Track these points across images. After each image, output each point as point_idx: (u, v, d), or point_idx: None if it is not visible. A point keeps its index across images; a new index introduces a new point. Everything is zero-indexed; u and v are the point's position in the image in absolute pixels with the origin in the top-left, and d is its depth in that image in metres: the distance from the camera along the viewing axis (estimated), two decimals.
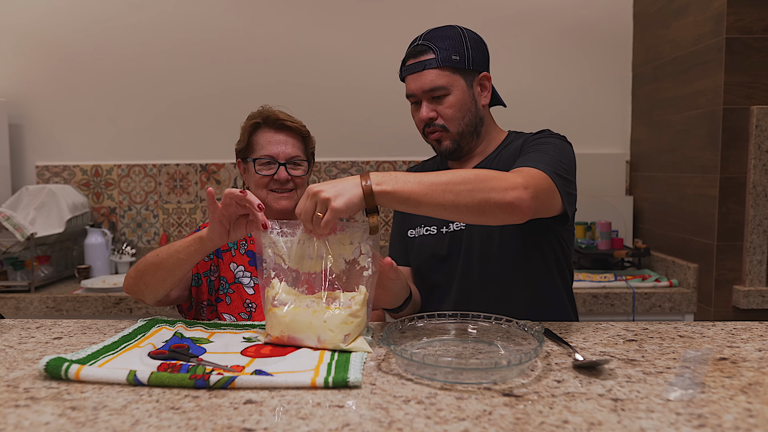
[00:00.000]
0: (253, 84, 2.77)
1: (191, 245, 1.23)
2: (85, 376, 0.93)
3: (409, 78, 1.39)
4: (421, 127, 1.41)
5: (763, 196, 2.03)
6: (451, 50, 1.35)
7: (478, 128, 1.42)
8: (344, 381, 0.91)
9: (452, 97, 1.36)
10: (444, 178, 1.08)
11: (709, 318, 2.14)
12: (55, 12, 2.77)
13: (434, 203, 1.08)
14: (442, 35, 1.37)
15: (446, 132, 1.39)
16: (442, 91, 1.35)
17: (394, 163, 2.78)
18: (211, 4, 2.76)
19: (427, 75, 1.35)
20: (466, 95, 1.38)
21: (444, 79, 1.35)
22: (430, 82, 1.35)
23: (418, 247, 1.48)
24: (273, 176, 1.47)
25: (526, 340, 1.11)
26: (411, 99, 1.41)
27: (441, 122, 1.38)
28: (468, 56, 1.37)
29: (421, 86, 1.36)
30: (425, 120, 1.38)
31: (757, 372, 0.97)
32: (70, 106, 2.81)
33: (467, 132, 1.40)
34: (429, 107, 1.37)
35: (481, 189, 1.08)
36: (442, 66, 1.34)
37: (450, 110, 1.37)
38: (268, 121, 1.50)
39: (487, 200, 1.08)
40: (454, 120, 1.37)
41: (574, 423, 0.78)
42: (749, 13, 2.01)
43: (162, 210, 2.83)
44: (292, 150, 1.49)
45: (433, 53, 1.34)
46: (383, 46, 2.76)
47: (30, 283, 2.35)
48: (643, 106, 2.66)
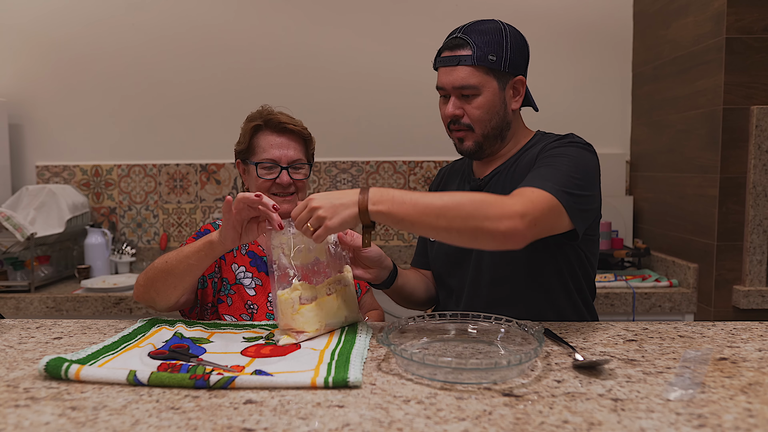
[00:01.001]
0: (253, 84, 2.77)
1: (201, 250, 1.22)
2: (85, 376, 0.93)
3: (441, 70, 1.34)
4: (446, 122, 1.37)
5: (763, 196, 2.03)
6: (490, 49, 1.29)
7: (504, 132, 1.37)
8: (344, 381, 0.91)
9: (482, 98, 1.31)
10: (439, 202, 1.08)
11: (709, 318, 2.14)
12: (55, 12, 2.77)
13: (427, 227, 1.09)
14: (482, 30, 1.31)
15: (471, 132, 1.34)
16: (472, 90, 1.30)
17: (394, 163, 2.78)
18: (210, 4, 2.76)
19: (460, 71, 1.30)
20: (497, 97, 1.32)
21: (476, 79, 1.29)
22: (461, 80, 1.30)
23: (435, 251, 1.48)
24: (275, 180, 1.46)
25: (526, 340, 1.11)
26: (440, 92, 1.36)
27: (467, 121, 1.33)
28: (506, 57, 1.31)
29: (451, 82, 1.31)
30: (450, 117, 1.34)
31: (757, 372, 0.97)
32: (70, 106, 2.81)
33: (492, 135, 1.35)
34: (456, 104, 1.32)
35: (475, 216, 1.07)
36: (477, 64, 1.29)
37: (477, 111, 1.32)
38: (270, 124, 1.48)
39: (480, 228, 1.07)
40: (481, 122, 1.33)
41: (574, 423, 0.78)
42: (749, 13, 2.01)
43: (162, 210, 2.83)
44: (294, 153, 1.48)
45: (470, 49, 1.29)
46: (383, 46, 2.76)
47: (30, 283, 2.35)
48: (643, 106, 2.66)
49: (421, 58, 2.75)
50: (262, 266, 1.48)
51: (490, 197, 1.11)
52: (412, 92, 2.76)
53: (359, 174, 2.80)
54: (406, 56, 2.76)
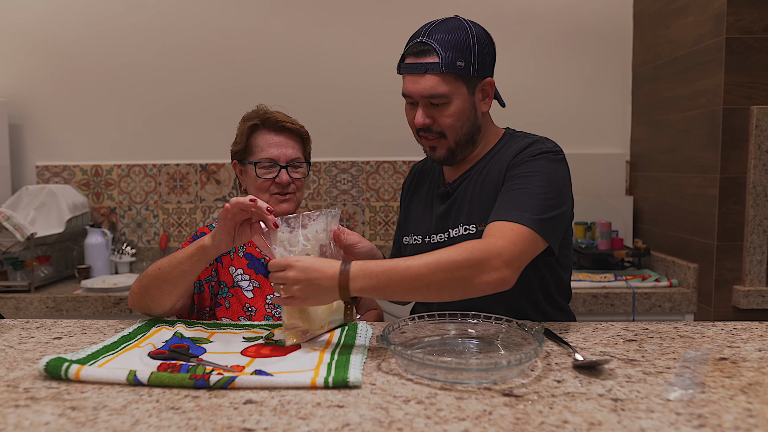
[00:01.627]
0: (253, 84, 2.77)
1: (194, 255, 1.22)
2: (85, 376, 0.94)
3: (407, 78, 1.29)
4: (415, 129, 1.34)
5: (763, 196, 2.03)
6: (457, 54, 1.24)
7: (475, 137, 1.35)
8: (344, 381, 0.91)
9: (452, 106, 1.28)
10: (426, 272, 1.05)
11: (709, 318, 2.14)
12: (55, 12, 2.77)
13: (418, 296, 1.12)
14: (447, 35, 1.25)
15: (443, 139, 1.31)
16: (442, 99, 1.26)
17: (394, 163, 2.78)
18: (210, 4, 2.76)
19: (428, 80, 1.25)
20: (467, 103, 1.29)
21: (445, 87, 1.25)
22: (430, 89, 1.25)
23: (408, 254, 1.43)
24: (274, 179, 1.46)
25: (525, 340, 1.11)
26: (407, 99, 1.32)
27: (438, 129, 1.30)
28: (474, 61, 1.26)
29: (419, 91, 1.27)
30: (419, 126, 1.30)
31: (757, 372, 0.97)
32: (70, 106, 2.81)
33: (464, 141, 1.33)
34: (426, 113, 1.29)
35: (463, 278, 1.07)
36: (445, 72, 1.24)
37: (449, 119, 1.29)
38: (267, 123, 1.48)
39: (471, 288, 1.09)
40: (452, 129, 1.30)
41: (574, 423, 0.78)
42: (749, 13, 2.01)
43: (162, 210, 2.83)
44: (293, 152, 1.48)
45: (436, 56, 1.24)
46: (383, 45, 2.76)
47: (30, 283, 2.35)
48: (643, 106, 2.66)
49: None
50: (260, 268, 1.47)
51: (470, 251, 1.08)
52: None
53: (359, 174, 2.80)
54: None
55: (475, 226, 1.31)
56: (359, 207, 2.81)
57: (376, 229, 2.81)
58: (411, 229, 1.48)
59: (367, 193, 2.80)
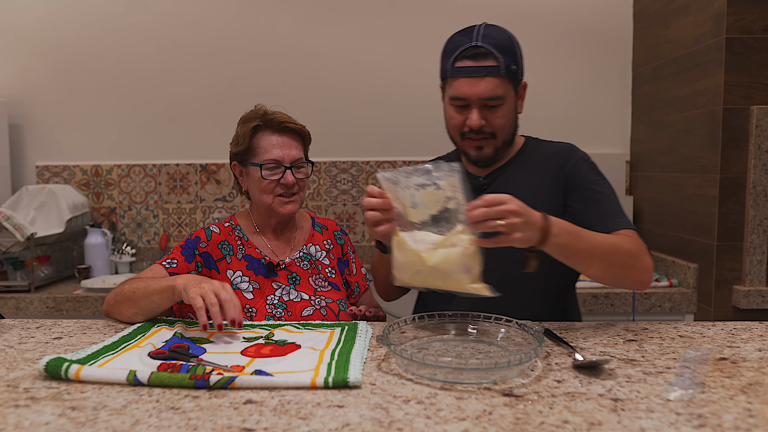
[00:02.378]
0: (253, 84, 2.77)
1: (164, 291, 1.24)
2: (85, 376, 0.93)
3: (463, 81, 1.30)
4: (461, 131, 1.36)
5: (763, 196, 2.03)
6: (510, 59, 1.30)
7: (513, 137, 1.41)
8: (344, 381, 0.91)
9: (505, 107, 1.32)
10: (605, 247, 1.20)
11: (709, 318, 2.14)
12: (55, 12, 2.77)
13: (587, 265, 1.21)
14: (500, 39, 1.31)
15: (492, 139, 1.35)
16: (498, 101, 1.31)
17: (394, 163, 2.78)
18: (210, 4, 2.76)
19: (488, 83, 1.29)
20: (513, 104, 1.36)
21: (502, 89, 1.30)
22: (490, 91, 1.29)
23: None
24: (279, 180, 1.45)
25: (525, 340, 1.11)
26: (458, 102, 1.33)
27: (490, 130, 1.33)
28: (520, 65, 1.34)
29: (478, 93, 1.29)
30: (476, 128, 1.32)
31: (757, 372, 0.97)
32: (70, 106, 2.81)
33: (508, 141, 1.38)
34: (481, 114, 1.32)
35: (630, 266, 1.24)
36: (503, 75, 1.29)
37: (501, 120, 1.33)
38: (270, 124, 1.47)
39: (629, 277, 1.26)
40: (503, 129, 1.35)
41: (574, 423, 0.78)
42: (749, 13, 2.01)
43: (162, 210, 2.83)
44: (296, 152, 1.47)
45: (495, 60, 1.28)
46: (383, 45, 2.76)
47: (30, 283, 2.35)
48: (643, 106, 2.66)
49: (421, 58, 2.76)
50: (261, 269, 1.47)
51: (634, 248, 1.25)
52: (412, 92, 2.76)
53: (359, 174, 2.80)
54: (406, 56, 2.76)
55: None
56: (359, 207, 2.81)
57: None
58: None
59: None
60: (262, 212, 1.53)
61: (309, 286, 1.49)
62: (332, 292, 1.51)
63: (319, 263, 1.54)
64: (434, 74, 1.38)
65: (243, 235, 1.52)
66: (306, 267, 1.51)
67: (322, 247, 1.57)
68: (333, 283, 1.53)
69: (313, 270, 1.52)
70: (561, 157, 1.40)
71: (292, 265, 1.50)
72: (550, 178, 1.38)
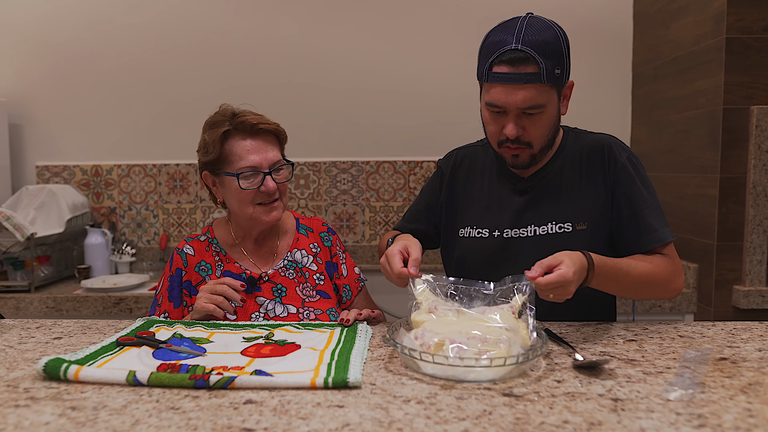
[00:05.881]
0: (253, 84, 2.77)
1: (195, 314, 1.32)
2: (85, 376, 0.93)
3: (499, 89, 1.20)
4: (497, 139, 1.28)
5: (763, 196, 2.03)
6: (554, 62, 1.18)
7: (554, 140, 1.33)
8: (344, 381, 0.91)
9: (545, 116, 1.23)
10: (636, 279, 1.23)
11: (709, 318, 2.14)
12: (55, 12, 2.77)
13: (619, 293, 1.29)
14: (544, 42, 1.18)
15: (529, 149, 1.27)
16: (538, 110, 1.21)
17: (394, 163, 2.78)
18: (210, 4, 2.76)
19: (527, 91, 1.18)
20: (555, 109, 1.26)
21: (543, 97, 1.20)
22: (529, 101, 1.19)
23: (467, 247, 1.39)
24: (258, 188, 1.33)
25: None
26: (494, 109, 1.24)
27: (527, 140, 1.25)
28: (566, 67, 1.22)
29: (516, 102, 1.20)
30: (512, 138, 1.24)
31: (757, 372, 0.97)
32: (70, 106, 2.81)
33: (546, 146, 1.30)
34: (518, 123, 1.23)
35: (659, 290, 1.30)
36: (546, 82, 1.18)
37: (540, 130, 1.25)
38: (240, 127, 1.34)
39: (659, 296, 1.33)
40: (541, 138, 1.26)
41: (574, 423, 0.78)
42: (749, 13, 2.01)
43: (162, 210, 2.83)
44: (273, 155, 1.35)
45: (536, 65, 1.17)
46: (383, 45, 2.76)
47: (30, 283, 2.35)
48: (643, 106, 2.66)
49: (421, 58, 2.76)
50: None
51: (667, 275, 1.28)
52: (412, 92, 2.76)
53: (359, 174, 2.80)
54: (406, 56, 2.76)
55: (572, 225, 1.31)
56: (359, 207, 2.81)
57: (376, 229, 2.81)
58: (471, 221, 1.40)
59: (367, 193, 2.80)
60: (242, 224, 1.42)
61: (297, 297, 1.39)
62: (321, 302, 1.41)
63: (306, 270, 1.43)
64: (434, 74, 1.37)
65: (220, 250, 1.42)
66: (292, 276, 1.41)
67: (309, 252, 1.46)
68: (322, 291, 1.43)
69: (300, 278, 1.41)
70: (605, 155, 1.33)
71: (276, 276, 1.40)
72: (594, 177, 1.32)
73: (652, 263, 1.26)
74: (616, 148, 1.34)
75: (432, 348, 0.96)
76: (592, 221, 1.31)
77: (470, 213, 1.41)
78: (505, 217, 1.36)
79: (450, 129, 2.76)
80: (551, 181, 1.35)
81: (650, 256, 1.29)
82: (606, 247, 1.32)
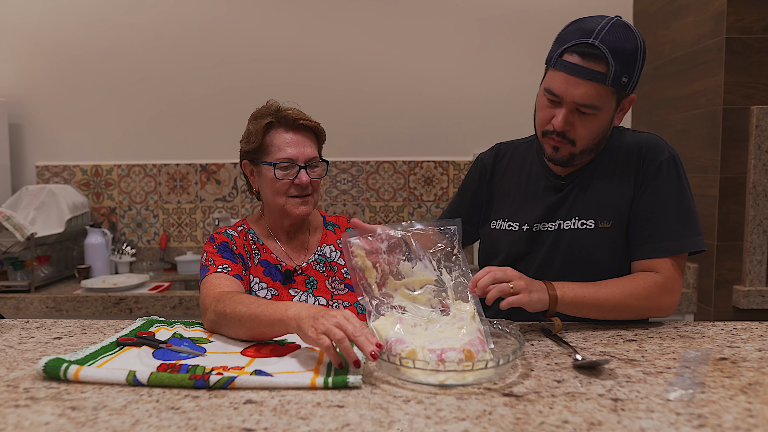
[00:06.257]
0: (253, 84, 2.77)
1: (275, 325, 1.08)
2: (85, 376, 0.93)
3: (563, 77, 1.20)
4: (544, 127, 1.27)
5: (763, 196, 2.03)
6: (624, 69, 1.17)
7: (600, 147, 1.30)
8: (344, 382, 0.91)
9: (597, 119, 1.22)
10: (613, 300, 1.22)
11: (709, 318, 2.14)
12: (56, 12, 2.77)
13: (600, 316, 1.25)
14: (622, 47, 1.17)
15: (571, 146, 1.25)
16: (592, 110, 1.20)
17: (394, 163, 2.78)
18: (210, 4, 2.76)
19: (588, 88, 1.18)
20: (609, 116, 1.24)
21: (602, 100, 1.19)
22: (587, 98, 1.18)
23: (495, 239, 1.41)
24: (293, 180, 1.38)
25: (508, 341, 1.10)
26: (551, 96, 1.23)
27: (572, 137, 1.24)
28: (635, 79, 1.21)
29: (573, 96, 1.19)
30: (558, 130, 1.23)
31: (757, 372, 0.97)
32: (70, 106, 2.81)
33: (588, 150, 1.28)
34: (568, 119, 1.22)
35: (638, 310, 1.25)
36: (609, 85, 1.18)
37: (586, 132, 1.23)
38: (283, 121, 1.39)
39: (641, 316, 1.28)
40: (585, 140, 1.25)
41: (574, 423, 0.78)
42: (749, 13, 2.01)
43: (162, 210, 2.83)
44: (311, 151, 1.40)
45: (606, 66, 1.16)
46: (383, 45, 2.76)
47: (30, 283, 2.35)
48: (643, 106, 2.66)
49: (421, 59, 2.76)
50: (277, 275, 1.41)
51: (647, 293, 1.23)
52: (412, 92, 2.76)
53: (359, 174, 2.80)
54: (406, 56, 2.76)
55: (594, 222, 1.30)
56: (359, 207, 2.81)
57: None
58: (504, 214, 1.41)
59: (367, 193, 2.80)
60: (274, 215, 1.46)
61: (326, 290, 1.44)
62: (349, 294, 1.45)
63: (334, 264, 1.48)
64: (434, 74, 1.37)
65: (258, 239, 1.46)
66: (322, 270, 1.46)
67: (336, 247, 1.51)
68: (349, 285, 1.47)
69: (329, 272, 1.47)
70: (643, 155, 1.29)
71: (309, 269, 1.45)
72: (627, 178, 1.30)
73: (631, 283, 1.24)
74: (656, 148, 1.30)
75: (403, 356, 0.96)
76: (617, 220, 1.29)
77: (504, 206, 1.43)
78: (537, 212, 1.36)
79: (450, 129, 2.76)
80: (586, 178, 1.33)
81: (632, 275, 1.27)
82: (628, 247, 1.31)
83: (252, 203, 2.82)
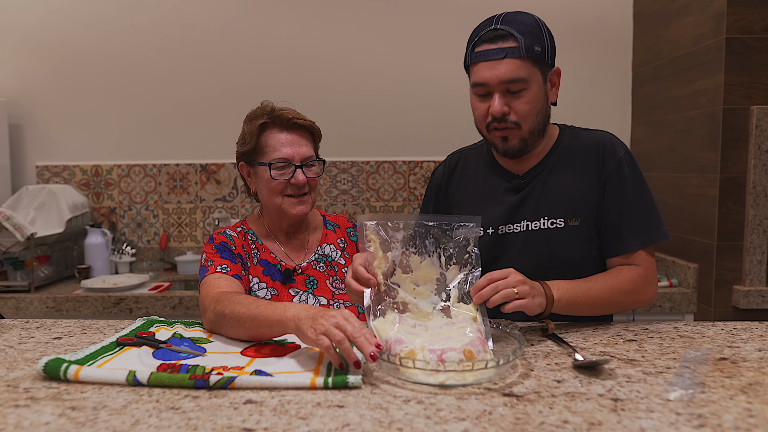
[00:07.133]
0: (253, 84, 2.77)
1: (274, 326, 1.08)
2: (85, 376, 0.93)
3: (482, 66, 1.25)
4: (485, 121, 1.29)
5: (763, 196, 2.03)
6: (534, 39, 1.23)
7: (545, 127, 1.33)
8: (344, 382, 0.91)
9: (530, 92, 1.25)
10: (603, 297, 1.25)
11: (709, 318, 2.14)
12: (55, 12, 2.77)
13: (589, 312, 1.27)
14: (522, 21, 1.24)
15: (517, 129, 1.27)
16: (521, 84, 1.23)
17: (394, 163, 2.78)
18: (210, 4, 2.76)
19: (508, 65, 1.22)
20: (542, 91, 1.27)
21: (525, 72, 1.23)
22: (510, 73, 1.22)
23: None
24: (289, 180, 1.38)
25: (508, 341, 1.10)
26: (479, 89, 1.27)
27: (514, 118, 1.26)
28: (548, 47, 1.26)
29: (498, 76, 1.22)
30: (497, 115, 1.25)
31: (757, 372, 0.97)
32: (70, 106, 2.81)
33: (536, 131, 1.29)
34: (503, 101, 1.25)
35: (630, 303, 1.30)
36: (525, 56, 1.22)
37: (526, 106, 1.25)
38: (277, 121, 1.39)
39: (627, 308, 1.32)
40: (529, 117, 1.26)
41: (574, 423, 0.78)
42: (749, 13, 2.01)
43: (162, 210, 2.83)
44: (306, 150, 1.40)
45: (515, 41, 1.22)
46: (383, 46, 2.76)
47: (30, 283, 2.35)
48: (643, 106, 2.66)
49: (421, 59, 2.76)
50: (277, 275, 1.42)
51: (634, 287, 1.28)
52: (412, 92, 2.76)
53: (359, 174, 2.80)
54: (406, 56, 2.76)
55: (564, 220, 1.32)
56: (359, 207, 2.81)
57: None
58: None
59: (367, 193, 2.80)
60: (272, 215, 1.46)
61: (327, 289, 1.44)
62: None
63: (335, 264, 1.49)
64: (434, 74, 1.38)
65: (257, 239, 1.46)
66: (322, 269, 1.46)
67: (337, 246, 1.51)
68: None
69: (330, 271, 1.47)
70: (601, 153, 1.34)
71: (309, 269, 1.45)
72: (590, 175, 1.33)
73: (617, 278, 1.28)
74: (612, 146, 1.35)
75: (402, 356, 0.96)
76: (585, 218, 1.32)
77: (464, 212, 1.43)
78: (499, 214, 1.37)
79: (450, 129, 2.76)
80: (545, 178, 1.35)
81: (615, 270, 1.30)
82: (598, 243, 1.33)
83: (252, 203, 2.82)
